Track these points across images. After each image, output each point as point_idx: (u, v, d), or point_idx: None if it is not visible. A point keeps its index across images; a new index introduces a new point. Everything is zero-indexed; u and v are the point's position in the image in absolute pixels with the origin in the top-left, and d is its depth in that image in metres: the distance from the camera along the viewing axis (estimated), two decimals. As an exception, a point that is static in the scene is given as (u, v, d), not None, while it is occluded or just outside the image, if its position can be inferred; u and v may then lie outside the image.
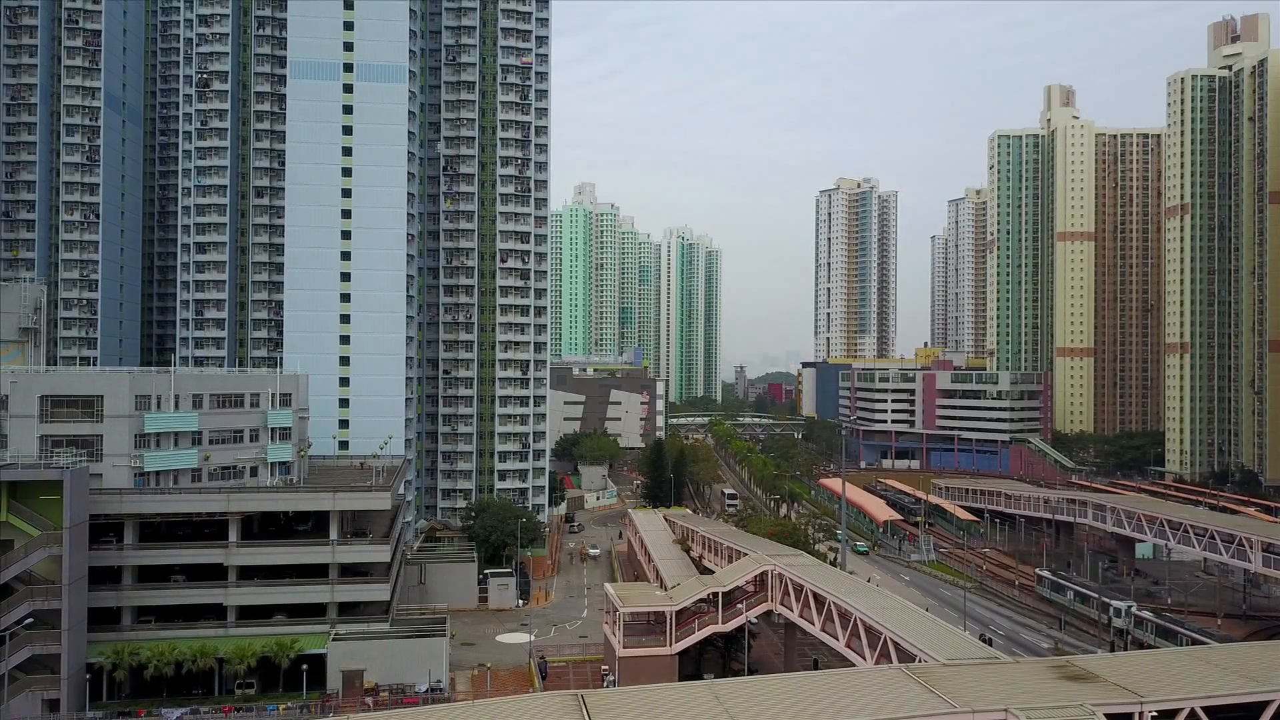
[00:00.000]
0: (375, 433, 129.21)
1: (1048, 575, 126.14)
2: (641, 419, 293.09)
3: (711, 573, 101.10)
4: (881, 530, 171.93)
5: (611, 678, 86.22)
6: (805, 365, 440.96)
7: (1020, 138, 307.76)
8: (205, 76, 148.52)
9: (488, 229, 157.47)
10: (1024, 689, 53.38)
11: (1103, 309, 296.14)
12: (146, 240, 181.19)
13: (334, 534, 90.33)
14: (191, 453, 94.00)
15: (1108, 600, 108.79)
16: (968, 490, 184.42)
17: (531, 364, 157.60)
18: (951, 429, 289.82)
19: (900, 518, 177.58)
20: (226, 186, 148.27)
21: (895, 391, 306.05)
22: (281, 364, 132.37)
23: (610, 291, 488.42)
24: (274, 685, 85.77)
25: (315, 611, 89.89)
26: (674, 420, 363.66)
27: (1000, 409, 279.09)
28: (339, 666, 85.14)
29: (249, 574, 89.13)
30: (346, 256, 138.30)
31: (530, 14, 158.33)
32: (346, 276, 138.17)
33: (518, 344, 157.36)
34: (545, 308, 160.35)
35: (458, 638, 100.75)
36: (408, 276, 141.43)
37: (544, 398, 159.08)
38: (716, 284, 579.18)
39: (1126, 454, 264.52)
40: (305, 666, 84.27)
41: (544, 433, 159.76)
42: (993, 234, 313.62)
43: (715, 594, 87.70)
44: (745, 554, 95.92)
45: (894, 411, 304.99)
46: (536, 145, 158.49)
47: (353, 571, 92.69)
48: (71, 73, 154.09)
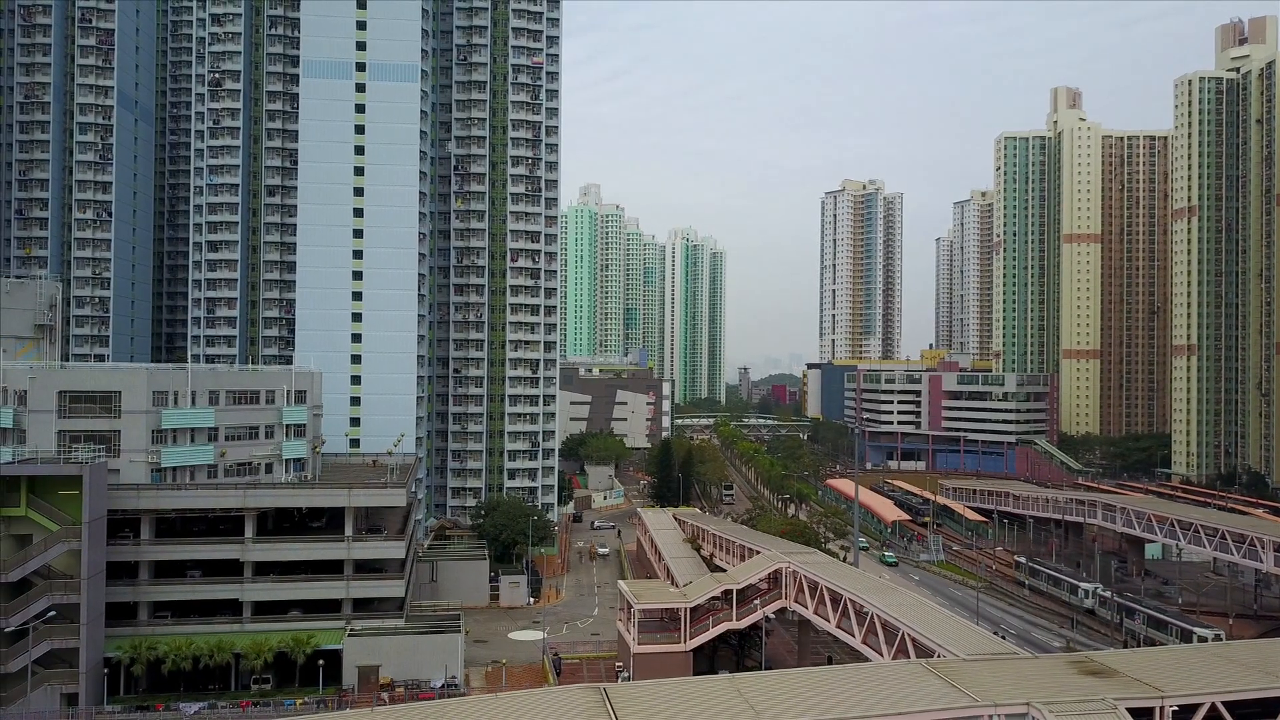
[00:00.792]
0: (386, 431, 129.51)
1: (1025, 562, 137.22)
2: (647, 419, 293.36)
3: (723, 571, 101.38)
4: (890, 530, 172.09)
5: (626, 674, 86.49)
6: (810, 366, 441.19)
7: (1027, 140, 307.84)
8: (217, 76, 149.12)
9: (498, 228, 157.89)
10: (1044, 683, 53.61)
11: (1109, 311, 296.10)
12: (157, 240, 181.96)
13: (349, 530, 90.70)
14: (208, 449, 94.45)
15: (1076, 583, 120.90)
16: (975, 491, 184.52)
17: (541, 363, 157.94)
18: (957, 430, 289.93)
19: (908, 518, 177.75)
20: (238, 185, 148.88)
21: (901, 393, 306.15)
22: (294, 362, 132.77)
23: (615, 292, 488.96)
24: (290, 680, 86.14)
25: (330, 608, 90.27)
26: (679, 421, 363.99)
27: (1006, 410, 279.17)
28: (355, 662, 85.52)
29: (264, 570, 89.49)
30: (358, 255, 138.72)
31: (541, 14, 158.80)
32: (358, 275, 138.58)
33: (528, 343, 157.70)
34: (555, 307, 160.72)
35: (471, 635, 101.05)
36: (419, 275, 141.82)
37: (554, 397, 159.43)
38: (721, 285, 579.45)
39: (1133, 456, 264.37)
40: (321, 662, 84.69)
41: (553, 432, 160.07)
42: (999, 235, 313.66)
43: (729, 591, 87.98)
44: (757, 552, 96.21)
45: (900, 413, 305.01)
46: (547, 145, 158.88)
47: (367, 568, 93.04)
48: (85, 72, 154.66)
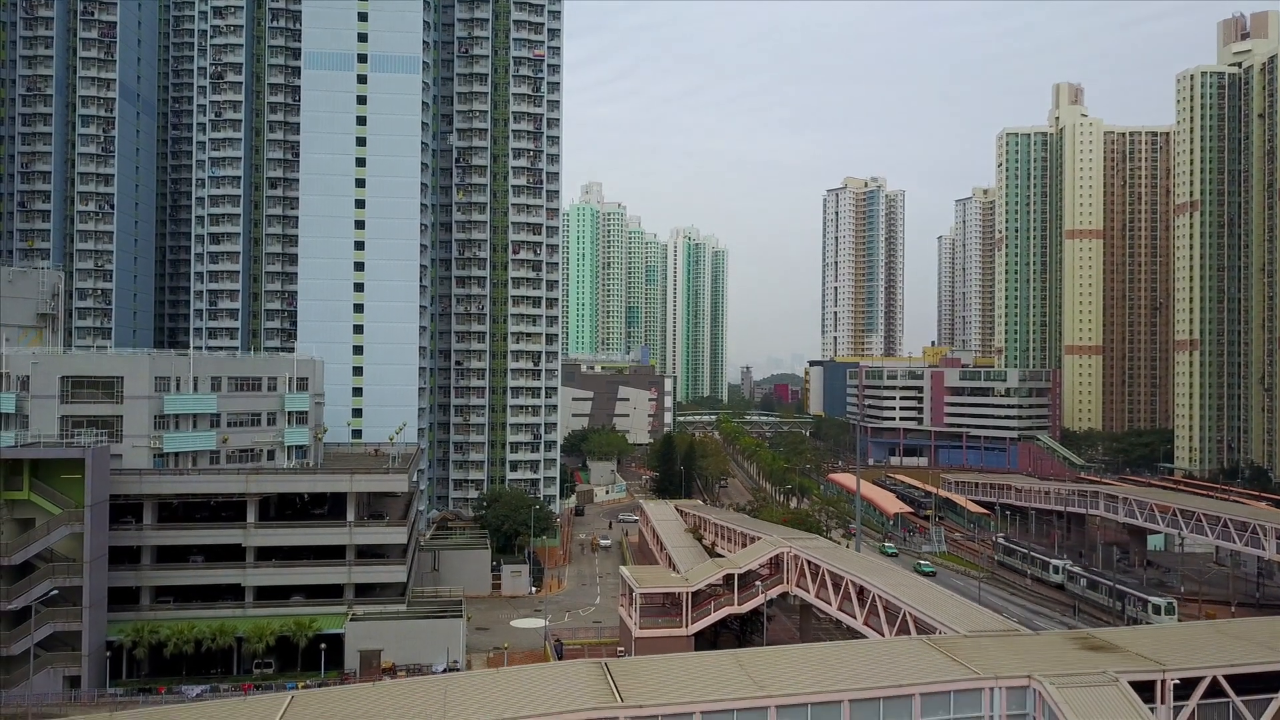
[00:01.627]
0: (388, 421, 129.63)
1: (1001, 541, 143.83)
2: (649, 415, 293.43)
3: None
4: (892, 523, 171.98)
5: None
6: (812, 364, 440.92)
7: (1029, 136, 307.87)
8: (219, 68, 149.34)
9: (499, 220, 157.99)
10: (1046, 658, 53.64)
11: (1111, 307, 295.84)
12: (159, 235, 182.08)
13: (351, 516, 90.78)
14: (210, 435, 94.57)
15: (1047, 559, 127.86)
16: (978, 484, 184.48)
17: (543, 355, 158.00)
18: (960, 426, 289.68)
19: (910, 510, 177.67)
20: (240, 177, 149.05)
21: (903, 389, 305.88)
22: (295, 352, 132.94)
23: (617, 291, 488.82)
24: (292, 665, 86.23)
25: (332, 593, 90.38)
26: (681, 419, 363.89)
27: (1008, 406, 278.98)
28: (357, 646, 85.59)
29: (267, 555, 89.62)
30: (360, 246, 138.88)
31: (543, 6, 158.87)
32: (360, 266, 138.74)
33: (529, 335, 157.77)
34: (557, 299, 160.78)
35: (473, 622, 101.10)
36: (420, 267, 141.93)
37: (555, 389, 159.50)
38: (723, 284, 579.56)
39: (1135, 451, 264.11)
40: (323, 646, 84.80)
41: (555, 424, 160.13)
42: (1001, 232, 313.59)
43: (731, 576, 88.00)
44: (760, 539, 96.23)
45: (902, 409, 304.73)
46: (549, 137, 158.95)
47: (369, 554, 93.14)
48: (87, 64, 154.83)
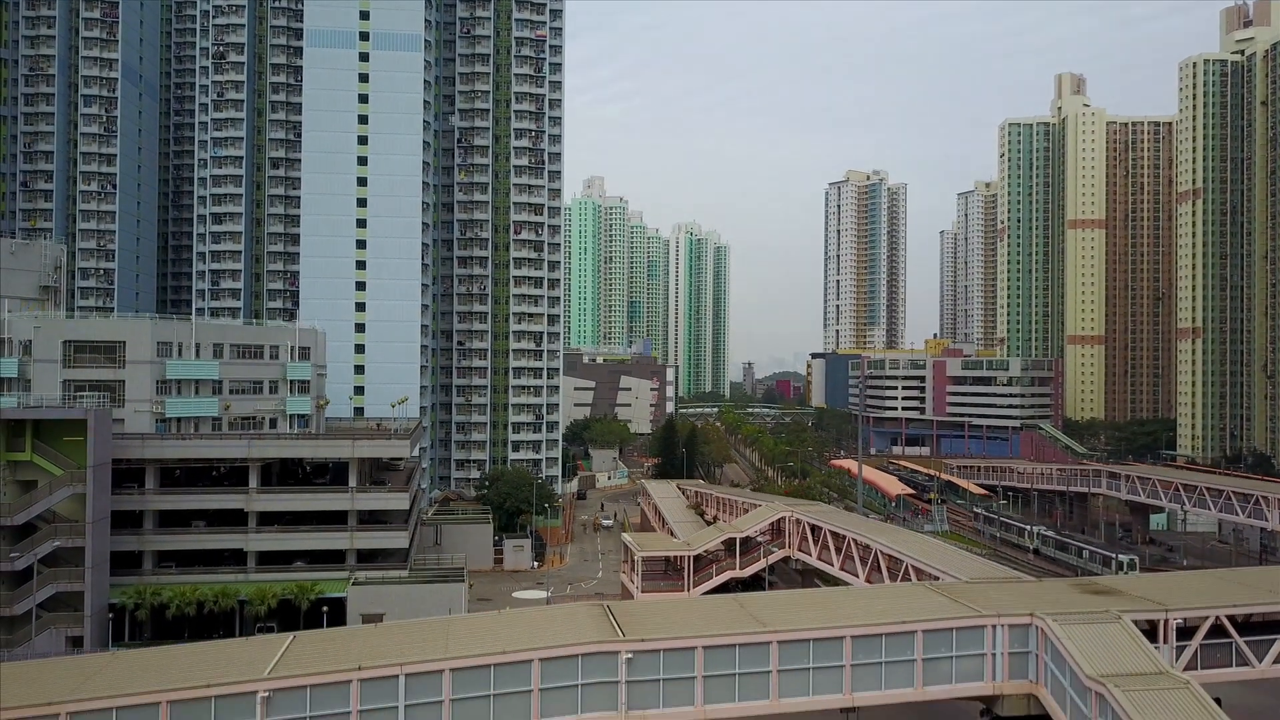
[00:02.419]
0: (390, 398, 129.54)
1: (981, 511, 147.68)
2: (651, 405, 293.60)
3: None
4: (894, 504, 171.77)
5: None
6: (814, 356, 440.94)
7: (1031, 126, 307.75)
8: (222, 49, 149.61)
9: (501, 201, 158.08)
10: (1049, 600, 53.58)
11: (1114, 297, 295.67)
12: (162, 221, 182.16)
13: (353, 481, 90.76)
14: (212, 401, 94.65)
15: (1022, 526, 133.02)
16: (979, 468, 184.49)
17: (545, 335, 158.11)
18: (962, 416, 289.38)
19: (912, 492, 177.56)
20: (242, 158, 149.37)
21: (905, 379, 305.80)
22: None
23: (619, 285, 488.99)
24: (294, 627, 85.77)
25: (334, 558, 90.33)
26: (683, 411, 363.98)
27: (1011, 395, 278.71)
28: (359, 610, 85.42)
29: (269, 521, 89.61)
30: (362, 224, 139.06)
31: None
32: (362, 244, 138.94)
33: (531, 315, 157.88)
34: (559, 280, 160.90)
35: (475, 593, 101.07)
36: (422, 245, 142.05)
37: (557, 369, 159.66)
38: (725, 280, 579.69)
39: (1138, 440, 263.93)
40: (325, 609, 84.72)
41: (557, 405, 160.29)
42: (1003, 222, 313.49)
43: (733, 541, 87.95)
44: (761, 506, 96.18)
45: (904, 399, 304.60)
46: (550, 118, 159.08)
47: (372, 520, 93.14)
48: (89, 45, 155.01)
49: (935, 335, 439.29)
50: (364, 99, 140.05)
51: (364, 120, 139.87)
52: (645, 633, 47.81)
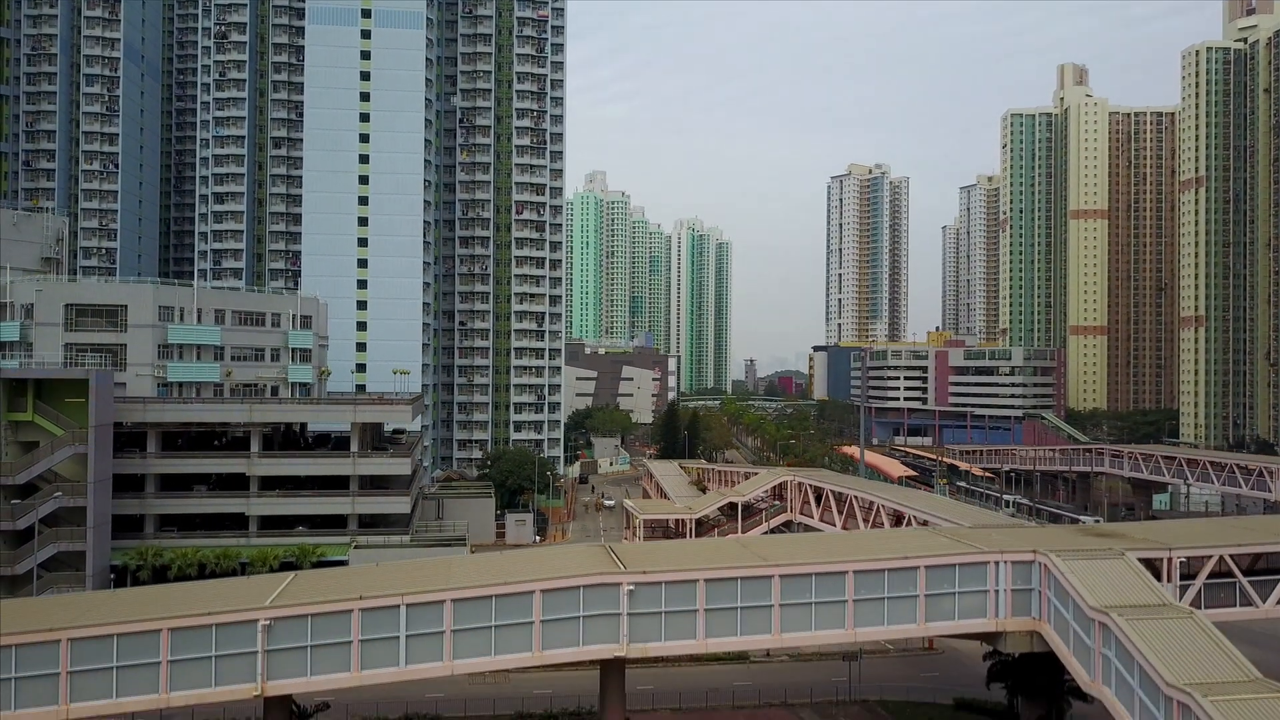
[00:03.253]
0: (392, 376, 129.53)
1: (963, 484, 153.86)
2: (653, 395, 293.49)
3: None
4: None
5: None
6: (816, 349, 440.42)
7: (1033, 116, 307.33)
8: (223, 28, 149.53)
9: (503, 182, 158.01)
10: (1052, 540, 53.42)
11: (1116, 288, 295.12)
12: (164, 206, 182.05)
13: (355, 447, 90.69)
14: (214, 367, 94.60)
15: (999, 496, 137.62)
16: (983, 452, 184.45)
17: (547, 315, 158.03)
18: (964, 406, 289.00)
19: (915, 474, 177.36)
20: (244, 137, 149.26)
21: (908, 369, 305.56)
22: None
23: (621, 280, 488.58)
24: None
25: (336, 523, 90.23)
26: (685, 405, 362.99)
27: (1013, 385, 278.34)
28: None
29: (271, 486, 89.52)
30: (364, 202, 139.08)
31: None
32: (364, 222, 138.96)
33: (533, 296, 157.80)
34: (560, 260, 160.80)
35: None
36: (424, 223, 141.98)
37: (559, 350, 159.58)
38: (727, 276, 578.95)
39: (1141, 429, 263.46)
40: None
41: (559, 385, 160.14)
42: (1005, 213, 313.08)
43: (735, 505, 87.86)
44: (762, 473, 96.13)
45: (906, 389, 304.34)
46: (552, 98, 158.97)
47: (373, 487, 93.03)
48: (91, 24, 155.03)
49: (937, 328, 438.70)
50: (366, 77, 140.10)
51: (366, 98, 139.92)
52: (646, 566, 47.71)
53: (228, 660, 44.16)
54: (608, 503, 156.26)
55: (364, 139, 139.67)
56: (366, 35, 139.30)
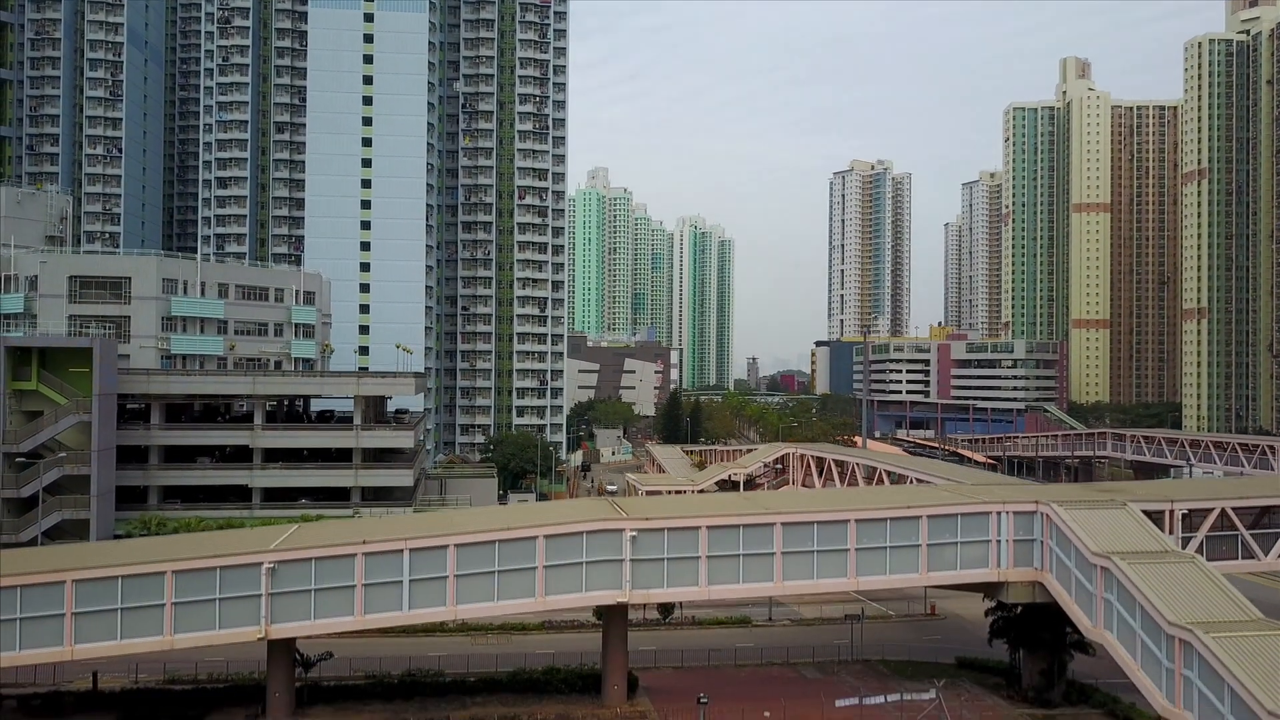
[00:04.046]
0: (394, 358, 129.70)
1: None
2: (655, 388, 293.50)
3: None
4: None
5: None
6: (819, 344, 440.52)
7: (1036, 110, 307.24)
8: (226, 14, 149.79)
9: (506, 168, 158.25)
10: (1054, 494, 53.54)
11: (1119, 281, 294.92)
12: (167, 195, 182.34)
13: (358, 419, 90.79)
14: (217, 340, 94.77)
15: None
16: (985, 440, 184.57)
17: (549, 301, 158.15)
18: (966, 399, 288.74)
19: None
20: (247, 122, 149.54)
21: (910, 363, 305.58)
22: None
23: (623, 276, 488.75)
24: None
25: (339, 495, 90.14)
26: (689, 397, 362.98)
27: (1015, 378, 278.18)
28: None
29: (274, 459, 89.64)
30: (367, 185, 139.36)
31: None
32: (367, 204, 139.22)
33: (536, 281, 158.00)
34: (563, 246, 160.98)
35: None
36: (427, 206, 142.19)
37: (561, 335, 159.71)
38: (729, 274, 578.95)
39: (1143, 422, 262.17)
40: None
41: (561, 370, 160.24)
42: (1008, 207, 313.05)
43: (737, 479, 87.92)
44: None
45: (909, 383, 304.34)
46: (555, 84, 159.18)
47: (376, 459, 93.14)
48: (95, 8, 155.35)
49: (939, 323, 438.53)
50: (369, 60, 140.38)
51: (369, 82, 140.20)
52: (649, 513, 47.86)
53: (232, 603, 44.38)
54: (611, 487, 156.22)
55: (367, 122, 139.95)
56: (369, 19, 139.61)
